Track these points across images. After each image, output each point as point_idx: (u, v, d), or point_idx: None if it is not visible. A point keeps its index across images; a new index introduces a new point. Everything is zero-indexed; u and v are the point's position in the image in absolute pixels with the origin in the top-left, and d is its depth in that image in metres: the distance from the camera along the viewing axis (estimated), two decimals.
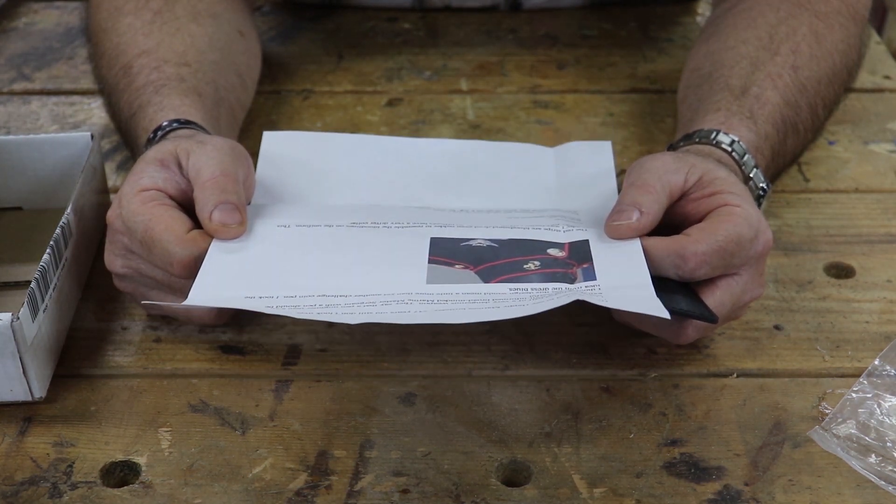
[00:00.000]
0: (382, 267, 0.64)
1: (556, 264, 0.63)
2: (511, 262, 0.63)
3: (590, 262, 0.64)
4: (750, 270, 0.66)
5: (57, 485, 0.61)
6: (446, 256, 0.64)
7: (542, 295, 0.60)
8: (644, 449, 0.63)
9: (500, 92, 0.98)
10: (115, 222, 0.67)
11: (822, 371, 0.69)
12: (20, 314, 0.62)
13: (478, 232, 0.67)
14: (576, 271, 0.63)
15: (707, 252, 0.63)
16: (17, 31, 1.08)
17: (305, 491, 0.60)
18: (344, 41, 1.06)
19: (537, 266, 0.63)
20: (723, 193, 0.66)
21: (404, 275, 0.62)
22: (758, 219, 0.65)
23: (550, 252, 0.64)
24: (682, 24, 1.08)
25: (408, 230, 0.67)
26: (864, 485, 0.61)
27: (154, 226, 0.65)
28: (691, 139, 0.75)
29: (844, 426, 0.64)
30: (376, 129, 0.92)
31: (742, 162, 0.73)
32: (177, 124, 0.74)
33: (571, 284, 0.62)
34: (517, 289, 0.61)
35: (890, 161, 0.88)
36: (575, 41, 1.06)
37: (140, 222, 0.65)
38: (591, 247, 0.65)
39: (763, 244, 0.66)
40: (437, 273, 0.62)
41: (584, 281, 0.62)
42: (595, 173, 0.77)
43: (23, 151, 0.78)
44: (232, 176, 0.67)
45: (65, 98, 0.97)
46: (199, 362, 0.69)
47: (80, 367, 0.69)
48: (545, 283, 0.61)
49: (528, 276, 0.62)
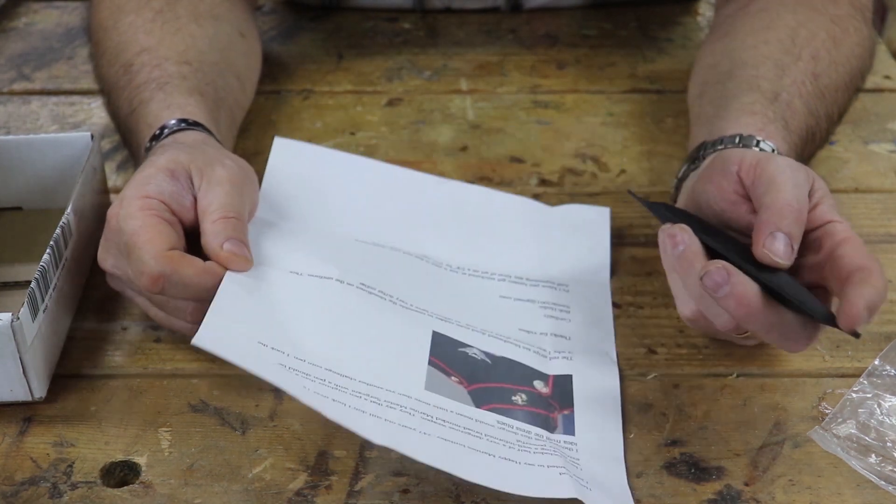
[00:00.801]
0: (387, 355, 0.66)
1: (540, 403, 0.66)
2: (500, 387, 0.66)
3: (570, 407, 0.66)
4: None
5: (57, 485, 0.61)
6: (445, 362, 0.66)
7: (526, 442, 0.62)
8: (644, 449, 0.63)
9: (500, 92, 0.98)
10: (112, 221, 0.67)
11: (823, 371, 0.69)
12: (20, 314, 0.62)
13: (475, 338, 0.69)
14: (557, 417, 0.65)
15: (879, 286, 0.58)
16: (17, 30, 1.08)
17: (305, 491, 0.60)
18: (344, 41, 1.06)
19: (524, 401, 0.65)
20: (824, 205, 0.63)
21: (406, 373, 0.65)
22: None
23: (536, 386, 0.67)
24: (682, 24, 1.08)
25: (412, 315, 0.69)
26: (864, 485, 0.61)
27: (141, 234, 0.65)
28: (732, 143, 0.72)
29: (844, 426, 0.64)
30: (376, 129, 0.92)
31: None
32: (185, 125, 0.74)
33: (552, 434, 0.64)
34: (503, 424, 0.63)
35: (890, 161, 0.88)
36: (575, 41, 1.06)
37: (130, 226, 0.65)
38: (574, 387, 0.67)
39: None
40: (435, 381, 0.65)
41: (563, 434, 0.64)
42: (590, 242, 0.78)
43: (23, 151, 0.78)
44: (242, 217, 0.68)
45: (65, 98, 0.97)
46: (199, 362, 0.69)
47: (80, 367, 0.69)
48: (528, 426, 0.63)
49: (514, 410, 0.65)
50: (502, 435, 0.62)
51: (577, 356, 0.69)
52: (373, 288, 0.69)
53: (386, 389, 0.62)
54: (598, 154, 0.89)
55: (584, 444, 0.63)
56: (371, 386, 0.62)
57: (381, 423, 0.59)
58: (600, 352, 0.70)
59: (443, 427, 0.61)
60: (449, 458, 0.59)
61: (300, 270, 0.69)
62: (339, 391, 0.60)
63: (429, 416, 0.61)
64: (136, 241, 0.64)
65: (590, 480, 0.60)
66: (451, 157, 0.89)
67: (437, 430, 0.60)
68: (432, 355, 0.66)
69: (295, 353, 0.62)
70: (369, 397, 0.61)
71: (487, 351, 0.68)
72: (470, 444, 0.60)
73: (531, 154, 0.89)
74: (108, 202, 0.81)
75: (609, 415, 0.65)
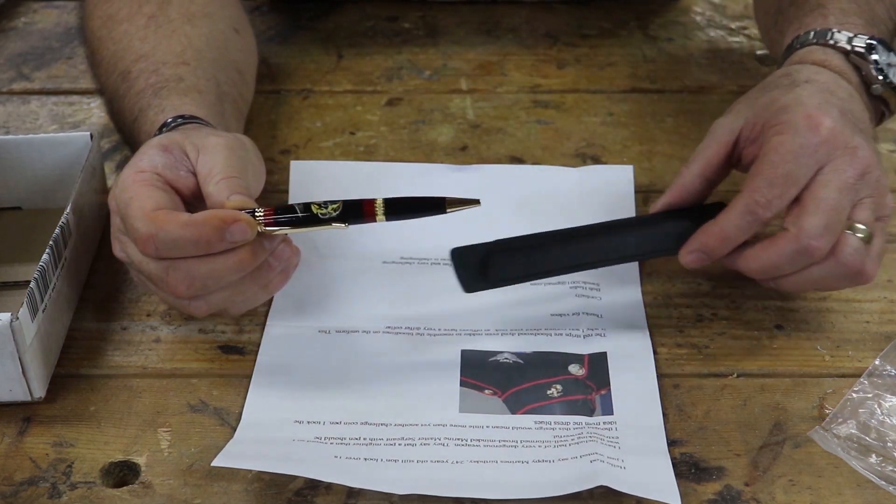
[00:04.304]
0: (419, 390, 0.67)
1: (577, 388, 0.67)
2: (535, 385, 0.67)
3: (607, 386, 0.66)
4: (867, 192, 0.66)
5: (56, 485, 0.61)
6: (476, 378, 0.67)
7: (564, 435, 0.63)
8: None
9: (500, 92, 0.98)
10: (111, 202, 0.67)
11: (823, 371, 0.69)
12: (19, 314, 0.62)
13: (506, 342, 0.70)
14: (594, 399, 0.66)
15: (764, 187, 0.64)
16: (17, 30, 1.08)
17: (305, 491, 0.60)
18: (344, 41, 1.06)
19: (560, 391, 0.66)
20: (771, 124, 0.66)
21: (439, 402, 0.66)
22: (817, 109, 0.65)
23: (571, 370, 0.68)
24: (682, 24, 1.08)
25: (439, 341, 0.70)
26: (865, 485, 0.61)
27: (131, 203, 0.64)
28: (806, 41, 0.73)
29: (845, 426, 0.64)
30: (376, 128, 0.92)
31: (862, 54, 0.71)
32: (181, 120, 0.73)
33: (591, 417, 0.64)
34: (540, 423, 0.64)
35: (890, 161, 0.88)
36: (575, 40, 1.05)
37: (124, 199, 0.65)
38: (609, 364, 0.68)
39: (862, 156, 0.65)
40: (469, 400, 0.66)
41: (602, 415, 0.65)
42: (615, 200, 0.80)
43: (22, 151, 0.78)
44: (245, 178, 0.67)
45: (64, 98, 0.97)
46: (198, 362, 0.69)
47: (79, 367, 0.69)
48: (566, 418, 0.65)
49: (550, 405, 0.66)
50: (539, 436, 0.63)
51: (610, 332, 0.70)
52: (399, 327, 0.71)
53: (420, 425, 0.64)
54: (598, 154, 0.89)
55: (623, 420, 0.64)
56: (406, 426, 0.64)
57: (412, 466, 0.61)
58: (632, 325, 0.71)
59: (477, 448, 0.62)
60: (477, 482, 0.60)
61: (328, 328, 0.71)
62: (372, 447, 0.62)
63: (463, 441, 0.63)
64: (127, 211, 0.64)
65: (627, 457, 0.61)
66: (451, 156, 0.89)
67: (471, 454, 0.62)
68: (463, 375, 0.67)
69: (330, 419, 0.64)
70: (403, 441, 0.63)
71: (519, 351, 0.69)
72: (504, 458, 0.62)
73: (531, 154, 0.89)
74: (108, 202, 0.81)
75: (646, 387, 0.67)
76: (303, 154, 0.89)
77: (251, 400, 0.66)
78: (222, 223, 0.62)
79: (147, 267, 0.64)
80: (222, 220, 0.62)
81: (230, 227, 0.62)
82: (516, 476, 0.61)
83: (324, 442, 0.62)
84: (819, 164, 0.65)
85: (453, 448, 0.62)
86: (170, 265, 0.63)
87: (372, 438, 0.63)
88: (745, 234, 0.66)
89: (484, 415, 0.65)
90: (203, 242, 0.62)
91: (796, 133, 0.65)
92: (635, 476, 0.60)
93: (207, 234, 0.62)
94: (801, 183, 0.65)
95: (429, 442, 0.63)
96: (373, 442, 0.63)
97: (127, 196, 0.64)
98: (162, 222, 0.62)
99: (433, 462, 0.61)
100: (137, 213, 0.63)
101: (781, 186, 0.64)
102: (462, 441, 0.63)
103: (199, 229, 0.62)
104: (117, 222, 0.66)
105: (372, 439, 0.63)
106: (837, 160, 0.65)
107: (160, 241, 0.62)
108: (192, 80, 0.78)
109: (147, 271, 0.64)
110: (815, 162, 0.65)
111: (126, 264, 0.68)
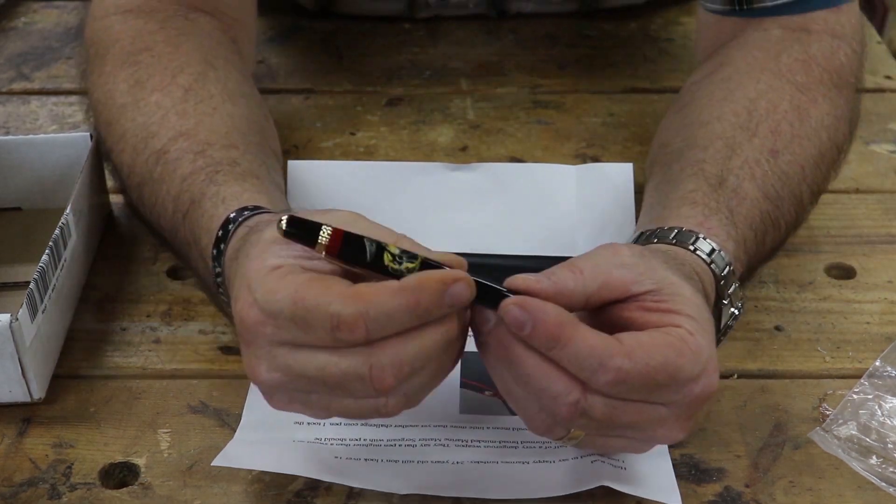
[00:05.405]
0: None
1: None
2: None
3: None
4: (676, 411, 0.55)
5: (56, 486, 0.61)
6: (476, 379, 0.67)
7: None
8: None
9: (500, 92, 0.98)
10: (250, 314, 0.53)
11: (823, 372, 0.69)
12: (19, 315, 0.62)
13: None
14: None
15: (632, 372, 0.52)
16: (17, 30, 1.08)
17: (305, 492, 0.60)
18: (344, 41, 1.06)
19: None
20: (680, 315, 0.55)
21: (439, 404, 0.65)
22: (709, 357, 0.55)
23: None
24: (682, 24, 1.08)
25: None
26: (865, 486, 0.61)
27: (305, 293, 0.51)
28: (666, 238, 0.65)
29: (845, 427, 0.64)
30: (376, 128, 0.92)
31: (722, 276, 0.64)
32: (247, 212, 0.62)
33: None
34: None
35: (891, 161, 0.88)
36: (575, 41, 1.05)
37: (284, 298, 0.52)
38: None
39: (703, 388, 0.55)
40: (469, 402, 0.65)
41: None
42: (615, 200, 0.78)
43: (22, 151, 0.78)
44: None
45: (64, 98, 0.97)
46: (198, 363, 0.69)
47: (79, 367, 0.69)
48: None
49: None
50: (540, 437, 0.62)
51: None
52: None
53: (421, 426, 0.63)
54: (598, 154, 0.89)
55: None
56: (406, 427, 0.63)
57: (413, 467, 0.61)
58: None
59: (477, 449, 0.62)
60: (478, 483, 0.60)
61: None
62: (372, 447, 0.62)
63: (463, 442, 0.63)
64: (304, 304, 0.51)
65: (628, 457, 0.61)
66: (451, 157, 0.89)
67: (471, 455, 0.62)
68: (463, 377, 0.67)
69: (330, 420, 0.63)
70: (404, 441, 0.63)
71: None
72: (504, 459, 0.61)
73: (531, 154, 0.89)
74: (108, 202, 0.81)
75: None
76: (303, 154, 0.89)
77: (251, 400, 0.66)
78: (441, 284, 0.52)
79: (338, 368, 0.52)
80: (441, 281, 0.52)
81: (450, 289, 0.52)
82: (517, 476, 0.60)
83: (324, 443, 0.62)
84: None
85: (454, 449, 0.62)
86: (371, 353, 0.52)
87: (372, 439, 0.63)
88: (579, 366, 0.54)
89: (484, 415, 0.65)
90: (422, 310, 0.52)
91: (686, 361, 0.54)
92: (636, 476, 0.60)
93: (427, 300, 0.51)
94: (660, 401, 0.55)
95: (429, 443, 0.62)
96: (373, 443, 0.62)
97: (288, 292, 0.52)
98: (370, 296, 0.51)
99: (433, 463, 0.61)
100: (327, 298, 0.51)
101: (642, 387, 0.54)
102: (462, 442, 0.63)
103: (417, 295, 0.51)
104: (266, 333, 0.53)
105: (372, 440, 0.63)
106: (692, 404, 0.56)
107: (372, 319, 0.51)
108: (246, 164, 0.69)
109: (337, 375, 0.52)
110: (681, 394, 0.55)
111: (270, 388, 0.55)
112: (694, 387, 0.54)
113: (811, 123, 0.74)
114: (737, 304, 0.65)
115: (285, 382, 0.53)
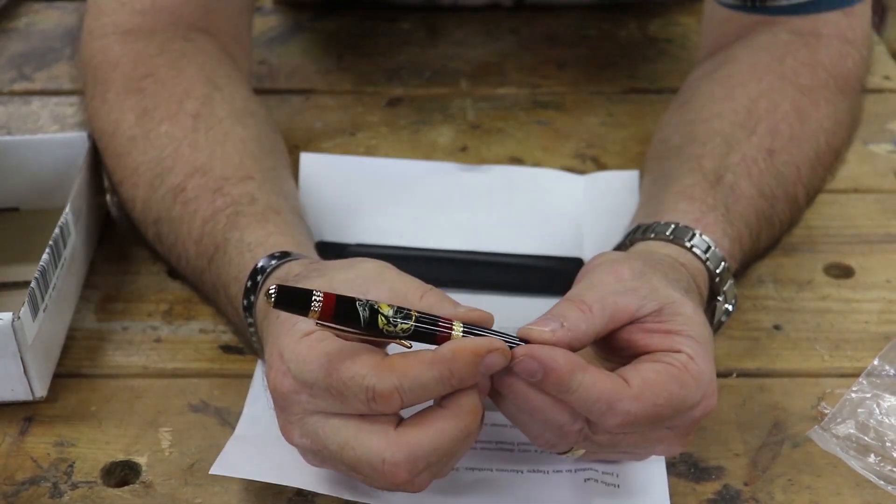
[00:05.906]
0: None
1: None
2: None
3: None
4: (676, 431, 0.57)
5: (57, 484, 0.61)
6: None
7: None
8: None
9: (501, 92, 0.98)
10: (284, 383, 0.54)
11: (822, 371, 0.69)
12: (21, 314, 0.62)
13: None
14: None
15: (639, 414, 0.53)
16: (18, 31, 1.08)
17: (305, 491, 0.60)
18: (344, 41, 1.06)
19: None
20: (682, 336, 0.56)
21: None
22: (709, 380, 0.56)
23: None
24: (682, 25, 1.08)
25: None
26: (864, 484, 0.61)
27: (338, 364, 0.52)
28: (663, 234, 0.66)
29: (844, 426, 0.64)
30: (376, 129, 0.92)
31: (717, 273, 0.65)
32: (275, 261, 0.62)
33: None
34: None
35: (889, 161, 0.88)
36: (575, 41, 1.05)
37: (318, 369, 0.52)
38: None
39: (703, 410, 0.56)
40: None
41: None
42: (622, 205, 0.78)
43: (20, 151, 0.78)
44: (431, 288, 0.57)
45: (65, 98, 0.97)
46: (199, 362, 0.70)
47: (80, 366, 0.69)
48: None
49: None
50: None
51: None
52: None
53: None
54: (598, 154, 0.89)
55: None
56: None
57: None
58: None
59: (473, 450, 0.62)
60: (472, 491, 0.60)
61: None
62: None
63: None
64: (339, 377, 0.52)
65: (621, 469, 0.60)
66: (451, 157, 0.89)
67: (467, 462, 0.61)
68: None
69: None
70: None
71: None
72: (499, 466, 0.61)
73: (531, 154, 0.89)
74: (106, 202, 0.81)
75: None
76: None
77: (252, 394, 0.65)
78: (475, 357, 0.52)
79: (354, 454, 0.53)
80: (474, 353, 0.52)
81: (485, 360, 0.52)
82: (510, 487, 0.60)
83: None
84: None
85: None
86: (387, 445, 0.52)
87: None
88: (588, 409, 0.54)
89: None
90: (456, 380, 0.52)
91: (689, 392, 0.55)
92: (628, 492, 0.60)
93: (461, 371, 0.52)
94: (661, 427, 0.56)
95: None
96: None
97: (321, 362, 0.52)
98: (403, 368, 0.51)
99: None
100: (361, 370, 0.51)
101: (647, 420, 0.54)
102: None
103: (450, 365, 0.52)
104: (300, 401, 0.53)
105: None
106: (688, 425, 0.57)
107: (407, 391, 0.51)
108: (265, 198, 0.68)
109: (352, 459, 0.53)
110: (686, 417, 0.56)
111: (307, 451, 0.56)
112: (695, 411, 0.56)
113: (810, 125, 0.74)
114: (731, 300, 0.66)
115: (316, 449, 0.54)
